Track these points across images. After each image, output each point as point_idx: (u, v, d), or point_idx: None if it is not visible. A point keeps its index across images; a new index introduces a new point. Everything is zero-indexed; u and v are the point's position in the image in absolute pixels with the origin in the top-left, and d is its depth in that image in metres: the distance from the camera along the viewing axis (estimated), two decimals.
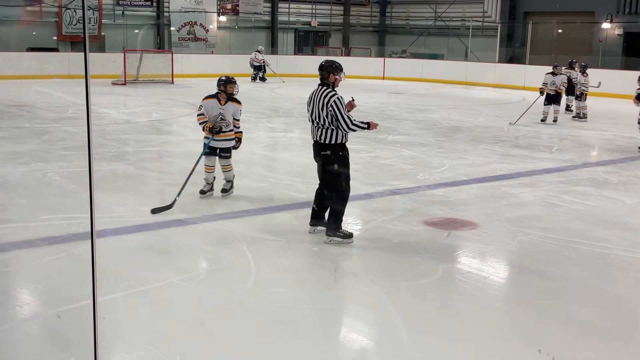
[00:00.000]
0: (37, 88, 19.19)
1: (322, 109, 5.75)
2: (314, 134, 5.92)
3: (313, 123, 5.90)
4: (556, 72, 14.50)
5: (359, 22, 34.89)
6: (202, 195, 7.36)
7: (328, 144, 5.82)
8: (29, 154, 9.51)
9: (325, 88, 5.84)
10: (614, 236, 6.36)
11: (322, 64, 5.91)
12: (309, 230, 6.19)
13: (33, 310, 4.47)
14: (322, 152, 5.88)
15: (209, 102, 7.30)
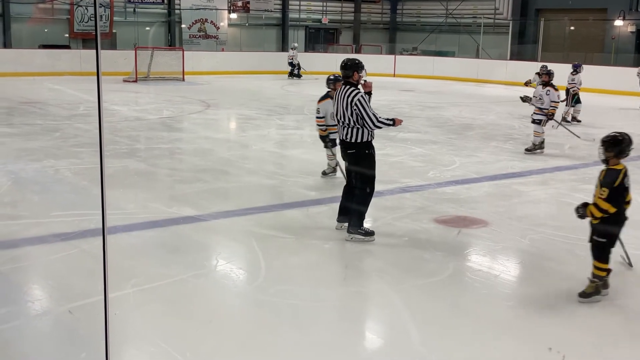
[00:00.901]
0: (49, 85, 19.30)
1: (346, 108, 5.75)
2: (341, 133, 5.92)
3: (338, 122, 5.90)
4: (579, 70, 14.38)
5: (369, 20, 34.83)
6: (323, 175, 8.27)
7: (354, 142, 5.83)
8: (41, 151, 9.56)
9: (349, 87, 5.82)
10: (626, 235, 6.30)
11: (346, 63, 5.87)
12: (336, 226, 6.21)
13: (45, 306, 4.49)
14: (348, 150, 5.89)
15: (324, 103, 7.87)
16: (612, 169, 4.62)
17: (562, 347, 3.97)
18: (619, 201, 4.56)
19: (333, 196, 7.55)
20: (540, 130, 10.33)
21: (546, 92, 10.25)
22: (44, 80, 20.43)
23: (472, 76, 25.42)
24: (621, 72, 22.03)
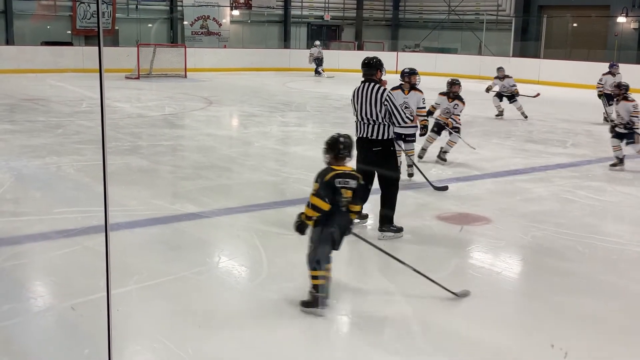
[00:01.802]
0: (51, 82, 19.31)
1: (375, 104, 5.79)
2: (364, 131, 5.91)
3: (362, 120, 5.90)
4: (614, 71, 14.06)
5: (372, 16, 34.77)
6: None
7: (380, 140, 5.87)
8: (44, 148, 9.57)
9: (374, 84, 5.87)
10: (628, 232, 6.31)
11: (369, 61, 5.93)
12: (363, 225, 6.20)
13: (47, 302, 4.50)
14: (374, 148, 5.90)
15: (394, 93, 7.74)
16: (329, 167, 4.45)
17: (564, 343, 3.96)
18: (331, 201, 4.33)
19: None
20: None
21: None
22: (46, 77, 20.44)
23: (474, 73, 25.36)
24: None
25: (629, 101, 8.87)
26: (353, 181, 4.39)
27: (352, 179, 4.38)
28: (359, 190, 4.43)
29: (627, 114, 8.83)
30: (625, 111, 8.86)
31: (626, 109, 8.85)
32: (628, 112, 8.83)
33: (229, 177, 8.13)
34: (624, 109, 8.88)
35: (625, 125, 8.86)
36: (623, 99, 8.94)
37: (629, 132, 8.86)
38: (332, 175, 4.37)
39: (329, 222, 4.40)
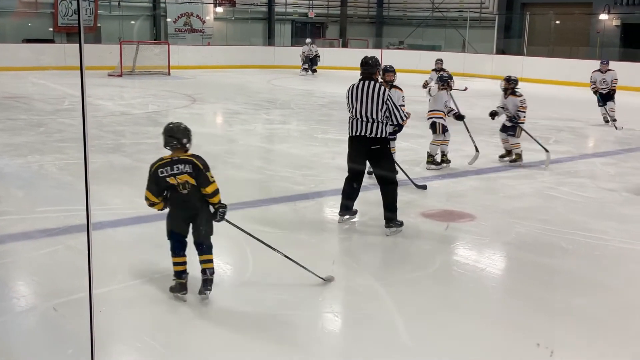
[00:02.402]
0: (33, 80, 19.12)
1: (377, 102, 5.81)
2: (361, 129, 5.90)
3: (361, 118, 5.88)
4: (602, 69, 13.73)
5: (356, 13, 34.79)
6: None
7: (379, 137, 5.90)
8: (25, 146, 9.48)
9: (373, 82, 5.91)
10: (611, 228, 6.36)
11: (369, 60, 5.99)
12: (338, 220, 6.22)
13: (30, 302, 4.45)
14: (372, 146, 5.92)
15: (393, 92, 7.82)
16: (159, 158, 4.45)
17: (550, 342, 3.98)
18: (164, 195, 4.38)
19: (320, 190, 7.55)
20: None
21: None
22: (28, 74, 20.24)
23: (458, 70, 25.40)
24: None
25: (516, 96, 9.00)
26: (186, 165, 4.34)
27: (184, 164, 4.35)
28: (201, 173, 4.37)
29: (515, 107, 8.99)
30: (512, 105, 9.01)
31: (514, 103, 9.00)
32: (515, 106, 8.99)
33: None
34: (512, 102, 9.03)
35: (511, 119, 9.01)
36: (512, 93, 9.07)
37: (512, 125, 9.03)
38: (156, 166, 4.42)
39: (171, 211, 4.49)
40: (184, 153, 4.41)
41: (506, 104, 9.11)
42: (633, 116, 14.44)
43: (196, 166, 4.36)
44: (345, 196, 6.22)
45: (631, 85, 20.29)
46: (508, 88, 9.15)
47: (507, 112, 9.07)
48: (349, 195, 6.21)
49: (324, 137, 11.33)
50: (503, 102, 9.20)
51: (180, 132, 4.43)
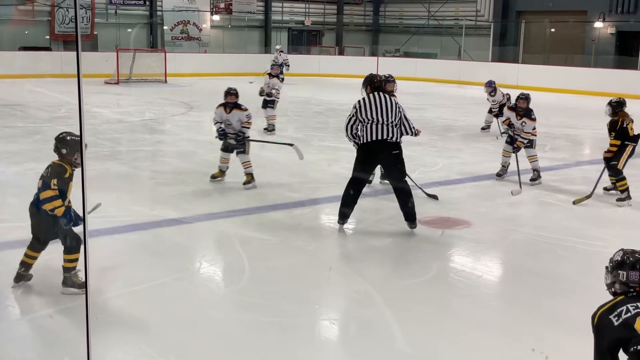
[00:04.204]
0: (29, 87, 19.11)
1: (392, 109, 6.01)
2: (382, 132, 5.95)
3: (381, 121, 5.95)
4: (487, 90, 12.58)
5: (352, 21, 34.86)
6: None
7: (397, 142, 6.04)
8: (22, 154, 9.47)
9: (385, 94, 6.14)
10: (608, 234, 6.37)
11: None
12: (339, 228, 6.20)
13: (26, 310, 4.45)
14: (393, 151, 6.04)
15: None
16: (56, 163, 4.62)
17: (545, 347, 3.99)
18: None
19: (316, 198, 7.56)
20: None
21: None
22: (25, 82, 20.23)
23: (454, 78, 25.52)
24: (601, 74, 22.24)
25: (242, 110, 7.77)
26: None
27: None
28: (47, 179, 4.59)
29: (239, 123, 7.77)
30: (236, 120, 7.76)
31: (239, 118, 7.75)
32: (240, 121, 7.76)
33: (209, 183, 8.09)
34: (237, 117, 7.74)
35: (236, 136, 7.80)
36: (235, 107, 7.77)
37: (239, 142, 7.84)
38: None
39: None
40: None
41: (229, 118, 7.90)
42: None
43: (46, 173, 4.64)
44: (348, 204, 6.20)
45: (626, 93, 20.35)
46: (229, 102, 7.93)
47: (232, 128, 7.80)
48: (351, 204, 6.20)
49: (320, 144, 11.35)
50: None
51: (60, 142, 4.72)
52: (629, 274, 2.93)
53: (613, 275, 3.01)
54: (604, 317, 2.85)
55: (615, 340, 2.78)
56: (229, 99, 7.81)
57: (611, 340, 2.80)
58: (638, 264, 2.94)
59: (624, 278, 2.95)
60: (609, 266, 3.06)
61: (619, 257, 3.02)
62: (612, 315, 2.81)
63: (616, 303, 2.87)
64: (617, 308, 2.82)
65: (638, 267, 2.93)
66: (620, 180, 7.44)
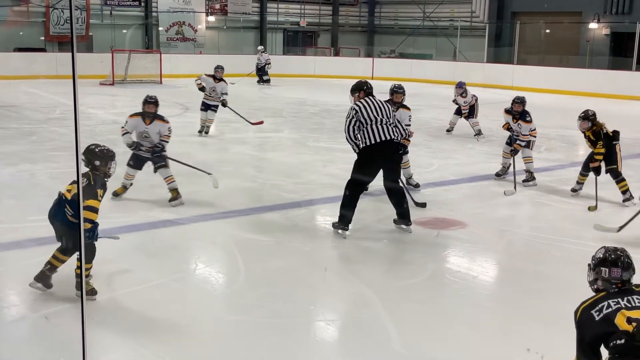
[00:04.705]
0: (24, 88, 19.06)
1: (390, 111, 6.10)
2: (389, 132, 5.97)
3: (388, 122, 6.01)
4: (458, 92, 12.25)
5: (347, 22, 34.87)
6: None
7: (400, 143, 6.19)
8: (17, 155, 9.45)
9: (378, 99, 6.17)
10: (602, 236, 6.38)
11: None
12: (344, 235, 6.08)
13: (21, 311, 4.44)
14: (398, 151, 6.20)
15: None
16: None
17: (540, 347, 4.00)
18: None
19: (312, 198, 7.56)
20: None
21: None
22: (20, 83, 20.18)
23: (449, 79, 25.46)
24: (596, 74, 22.31)
25: (164, 122, 7.17)
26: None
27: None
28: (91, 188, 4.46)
29: (158, 136, 7.08)
30: (156, 132, 7.07)
31: (159, 130, 7.08)
32: (160, 133, 7.08)
33: (205, 184, 8.08)
34: (157, 129, 7.09)
35: (153, 150, 7.09)
36: (156, 117, 7.13)
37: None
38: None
39: None
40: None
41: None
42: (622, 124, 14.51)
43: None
44: (352, 209, 6.12)
45: (620, 94, 20.44)
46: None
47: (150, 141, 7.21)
48: (353, 207, 6.13)
49: (315, 145, 11.36)
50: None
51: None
52: (611, 271, 3.03)
53: (595, 272, 3.11)
54: (586, 312, 2.93)
55: (596, 335, 2.86)
56: (148, 108, 7.03)
57: (592, 335, 2.87)
58: (619, 261, 3.04)
59: (605, 275, 3.05)
60: (591, 263, 3.16)
61: (601, 255, 3.13)
62: (594, 310, 2.89)
63: (598, 299, 2.95)
64: (598, 304, 2.91)
65: (619, 264, 3.03)
66: (620, 182, 7.52)
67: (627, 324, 2.76)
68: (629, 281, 3.04)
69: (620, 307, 2.84)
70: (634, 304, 2.85)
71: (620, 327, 2.77)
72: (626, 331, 2.74)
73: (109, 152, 4.70)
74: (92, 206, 4.38)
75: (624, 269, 3.04)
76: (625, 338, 2.72)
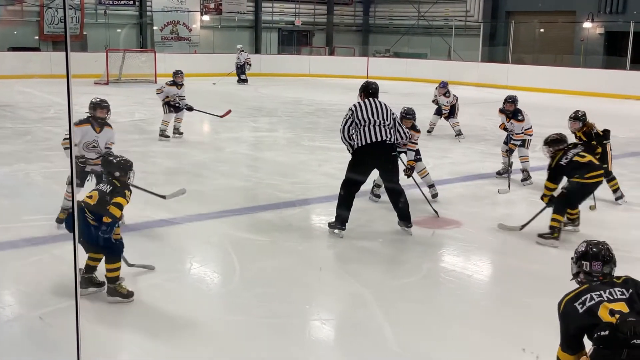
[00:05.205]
0: (19, 88, 19.01)
1: (387, 113, 6.05)
2: (382, 134, 5.96)
3: (383, 122, 5.99)
4: (440, 92, 12.42)
5: (342, 22, 34.88)
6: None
7: (395, 145, 6.12)
8: (11, 155, 9.42)
9: (379, 100, 6.16)
10: (595, 233, 6.38)
11: (376, 87, 6.32)
12: (340, 235, 6.08)
13: (15, 312, 4.43)
14: (393, 153, 6.12)
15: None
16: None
17: (535, 347, 4.00)
18: None
19: (307, 198, 7.56)
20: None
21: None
22: (14, 83, 20.12)
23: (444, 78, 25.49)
24: (590, 74, 22.36)
25: (111, 127, 6.22)
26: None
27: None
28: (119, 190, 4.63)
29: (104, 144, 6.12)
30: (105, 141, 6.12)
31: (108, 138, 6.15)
32: (107, 141, 6.15)
33: (200, 183, 8.08)
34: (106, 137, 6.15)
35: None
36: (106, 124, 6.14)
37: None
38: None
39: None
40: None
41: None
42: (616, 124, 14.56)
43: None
44: (348, 209, 6.12)
45: (614, 93, 20.49)
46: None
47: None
48: (349, 207, 6.13)
49: (310, 144, 11.35)
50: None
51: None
52: (592, 264, 3.12)
53: (578, 266, 3.19)
54: (569, 304, 3.00)
55: (580, 326, 2.94)
56: (100, 113, 6.04)
57: (576, 327, 2.95)
58: (600, 255, 3.13)
59: (587, 268, 3.14)
60: (574, 257, 3.23)
61: (583, 248, 3.20)
62: (577, 302, 2.97)
63: (581, 291, 3.02)
64: (581, 296, 2.98)
65: (600, 257, 3.12)
66: (611, 180, 7.54)
67: (610, 316, 2.84)
68: (610, 274, 3.12)
69: (603, 299, 2.91)
70: (616, 297, 2.92)
71: (603, 319, 2.84)
72: (610, 323, 2.81)
73: (126, 162, 4.81)
74: (119, 203, 4.54)
75: (605, 262, 3.13)
76: (609, 330, 2.79)
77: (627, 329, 2.74)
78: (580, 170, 6.03)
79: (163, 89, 11.30)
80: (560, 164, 6.11)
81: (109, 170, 4.74)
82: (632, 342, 2.73)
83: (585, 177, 6.03)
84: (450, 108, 12.11)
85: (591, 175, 6.05)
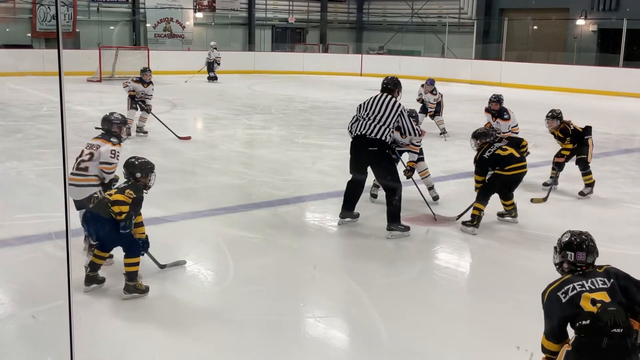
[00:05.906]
0: (11, 85, 18.93)
1: (389, 112, 5.98)
2: (362, 127, 5.99)
3: (365, 117, 6.00)
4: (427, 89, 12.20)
5: (336, 19, 34.86)
6: None
7: (378, 139, 6.02)
8: (3, 153, 9.38)
9: (391, 96, 6.13)
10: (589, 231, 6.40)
11: (391, 80, 6.31)
12: (338, 222, 6.22)
13: (8, 310, 4.41)
14: (370, 147, 6.02)
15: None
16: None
17: (529, 345, 4.00)
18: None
19: (301, 195, 7.56)
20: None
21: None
22: (6, 80, 20.03)
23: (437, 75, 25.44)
24: (583, 71, 22.43)
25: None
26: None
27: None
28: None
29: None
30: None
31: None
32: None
33: (194, 181, 8.07)
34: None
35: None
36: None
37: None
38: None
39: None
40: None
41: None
42: (608, 121, 14.63)
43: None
44: (346, 201, 6.26)
45: (607, 90, 20.56)
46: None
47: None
48: (348, 199, 6.25)
49: (304, 142, 11.34)
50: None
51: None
52: (576, 254, 3.17)
53: (561, 256, 3.24)
54: (553, 294, 3.05)
55: (563, 316, 2.98)
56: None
57: (559, 316, 3.00)
58: (584, 245, 3.19)
59: (571, 258, 3.18)
60: (557, 247, 3.28)
61: (567, 238, 3.26)
62: (560, 292, 3.02)
63: (564, 281, 3.08)
64: (564, 286, 3.04)
65: (584, 247, 3.18)
66: (587, 174, 7.72)
67: (591, 305, 2.89)
68: (592, 264, 3.17)
69: (584, 289, 2.96)
70: (597, 286, 2.97)
71: (585, 309, 2.89)
72: (591, 312, 2.86)
73: (148, 164, 4.86)
74: (118, 200, 4.58)
75: (588, 252, 3.18)
76: (590, 319, 2.84)
77: (607, 318, 2.79)
78: (501, 163, 6.26)
79: (128, 83, 11.25)
80: (484, 157, 6.35)
81: (130, 171, 4.80)
82: (612, 331, 2.78)
83: (505, 169, 6.27)
84: (437, 105, 12.10)
85: (511, 167, 6.30)
